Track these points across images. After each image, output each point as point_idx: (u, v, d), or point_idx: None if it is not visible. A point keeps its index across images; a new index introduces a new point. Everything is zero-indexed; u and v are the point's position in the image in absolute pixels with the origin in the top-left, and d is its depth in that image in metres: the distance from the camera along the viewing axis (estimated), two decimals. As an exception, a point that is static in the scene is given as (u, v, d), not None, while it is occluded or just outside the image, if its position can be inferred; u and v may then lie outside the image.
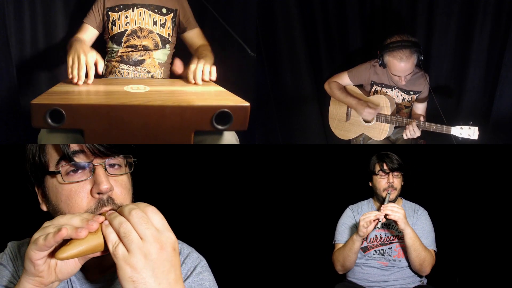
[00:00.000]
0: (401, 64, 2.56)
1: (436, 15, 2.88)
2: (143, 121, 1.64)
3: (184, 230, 1.42)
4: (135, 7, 2.54)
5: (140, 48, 2.54)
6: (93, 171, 1.03)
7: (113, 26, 2.54)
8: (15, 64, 2.68)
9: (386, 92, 2.82)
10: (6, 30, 2.58)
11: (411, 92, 2.79)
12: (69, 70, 2.04)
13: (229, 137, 1.88)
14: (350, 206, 2.36)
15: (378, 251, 2.19)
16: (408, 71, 2.59)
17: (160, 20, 2.55)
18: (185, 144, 1.70)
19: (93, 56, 2.09)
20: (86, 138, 1.64)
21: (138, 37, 2.53)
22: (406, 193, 2.30)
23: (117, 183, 1.06)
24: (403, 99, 2.82)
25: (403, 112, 2.88)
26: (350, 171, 2.76)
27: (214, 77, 2.19)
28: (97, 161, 1.03)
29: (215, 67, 2.21)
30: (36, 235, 0.90)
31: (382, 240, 2.20)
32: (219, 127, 1.67)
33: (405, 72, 2.60)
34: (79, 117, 1.62)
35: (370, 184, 2.27)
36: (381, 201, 2.16)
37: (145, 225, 0.87)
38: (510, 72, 2.68)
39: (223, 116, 1.66)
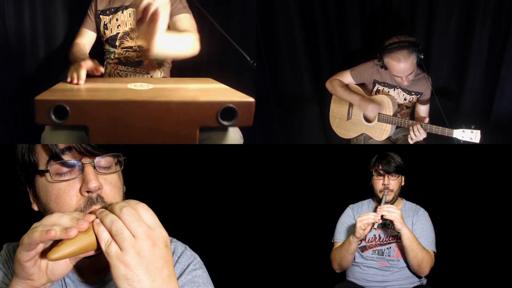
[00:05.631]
0: (400, 65, 2.57)
1: (436, 15, 2.88)
2: (148, 117, 1.63)
3: (185, 229, 1.42)
4: (124, 9, 2.51)
5: (135, 49, 2.53)
6: (82, 169, 1.03)
7: (106, 30, 2.54)
8: (15, 64, 2.67)
9: (388, 91, 2.82)
10: (6, 30, 2.58)
11: (413, 93, 2.78)
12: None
13: (234, 135, 1.88)
14: (350, 205, 2.37)
15: (376, 251, 2.19)
16: (408, 71, 2.59)
17: None
18: (184, 144, 1.70)
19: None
20: (90, 134, 1.63)
21: (131, 38, 2.51)
22: (406, 193, 2.30)
23: (107, 181, 1.06)
24: (405, 99, 2.82)
25: (404, 112, 2.88)
26: (350, 171, 2.76)
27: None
28: (86, 160, 1.03)
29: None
30: (24, 237, 0.89)
31: (380, 240, 2.20)
32: (225, 123, 1.66)
33: (405, 73, 2.60)
34: (83, 113, 1.60)
35: (371, 184, 2.28)
36: (379, 201, 2.17)
37: (137, 222, 0.87)
38: (510, 72, 2.68)
39: (228, 111, 1.65)
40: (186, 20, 2.41)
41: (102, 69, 2.16)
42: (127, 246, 0.85)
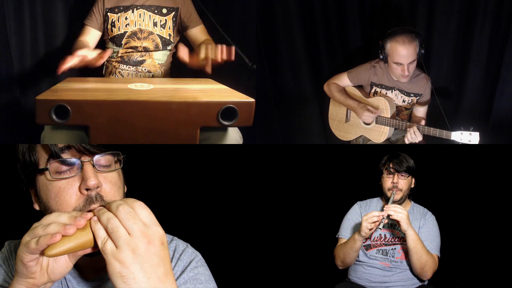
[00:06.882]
0: (403, 49, 2.53)
1: (436, 15, 2.89)
2: (149, 117, 1.64)
3: (185, 229, 1.43)
4: (135, 8, 2.52)
5: (140, 49, 2.54)
6: (81, 167, 1.04)
7: (113, 28, 2.53)
8: (15, 64, 2.67)
9: (386, 93, 2.80)
10: (6, 30, 2.58)
11: (412, 94, 2.76)
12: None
13: (234, 135, 1.89)
14: (358, 202, 2.34)
15: (381, 251, 2.18)
16: (411, 57, 2.55)
17: (161, 21, 2.54)
18: (184, 144, 1.71)
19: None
20: (91, 134, 1.63)
21: (138, 38, 2.53)
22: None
23: (107, 180, 1.06)
24: (403, 101, 2.80)
25: (403, 114, 2.86)
26: (350, 171, 2.77)
27: (232, 56, 2.07)
28: (85, 158, 1.04)
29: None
30: (26, 237, 0.90)
31: (386, 240, 2.19)
32: (225, 122, 1.68)
33: (408, 59, 2.55)
34: (84, 113, 1.61)
35: (380, 183, 2.27)
36: (387, 200, 2.16)
37: (132, 220, 0.88)
38: (510, 72, 2.68)
39: (228, 111, 1.67)
40: (204, 31, 2.59)
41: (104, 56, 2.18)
42: (122, 243, 0.86)
